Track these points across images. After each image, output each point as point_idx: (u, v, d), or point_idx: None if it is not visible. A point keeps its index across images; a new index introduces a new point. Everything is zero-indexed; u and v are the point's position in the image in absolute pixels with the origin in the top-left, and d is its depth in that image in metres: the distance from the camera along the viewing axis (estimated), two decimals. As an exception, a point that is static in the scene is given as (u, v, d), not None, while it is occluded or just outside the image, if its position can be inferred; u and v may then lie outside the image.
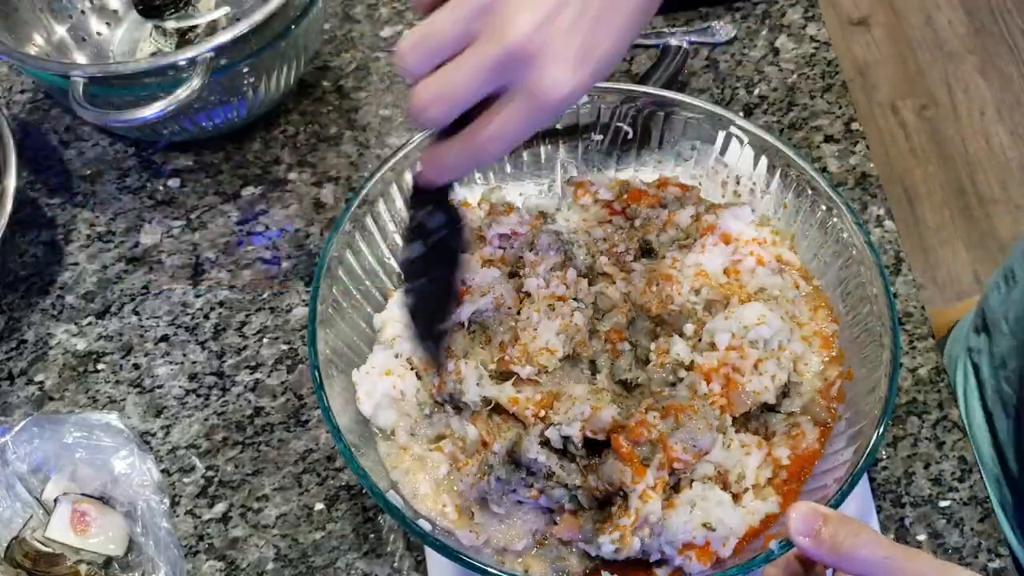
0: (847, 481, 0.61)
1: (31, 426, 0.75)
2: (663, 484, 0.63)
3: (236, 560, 0.76)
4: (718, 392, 0.66)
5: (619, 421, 0.64)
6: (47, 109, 1.00)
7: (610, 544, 0.62)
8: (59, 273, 0.90)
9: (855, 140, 0.93)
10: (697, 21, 1.00)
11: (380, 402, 0.70)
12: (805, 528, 0.49)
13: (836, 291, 0.73)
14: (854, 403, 0.68)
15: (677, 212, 0.76)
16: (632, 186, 0.78)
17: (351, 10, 1.04)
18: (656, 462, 0.63)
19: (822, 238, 0.74)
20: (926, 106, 2.20)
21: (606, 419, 0.64)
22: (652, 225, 0.76)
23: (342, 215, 0.73)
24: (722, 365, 0.67)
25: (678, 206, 0.76)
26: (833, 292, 0.73)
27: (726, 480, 0.65)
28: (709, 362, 0.67)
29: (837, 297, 0.73)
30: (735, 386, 0.66)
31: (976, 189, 2.09)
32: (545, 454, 0.64)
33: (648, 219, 0.76)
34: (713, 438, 0.64)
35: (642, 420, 0.64)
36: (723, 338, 0.68)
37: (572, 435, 0.64)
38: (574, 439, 0.64)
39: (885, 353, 0.66)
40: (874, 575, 0.49)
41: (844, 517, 0.50)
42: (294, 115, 0.98)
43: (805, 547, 0.50)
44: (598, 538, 0.63)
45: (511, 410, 0.66)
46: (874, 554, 0.48)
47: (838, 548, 0.49)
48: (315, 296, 0.69)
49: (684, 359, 0.68)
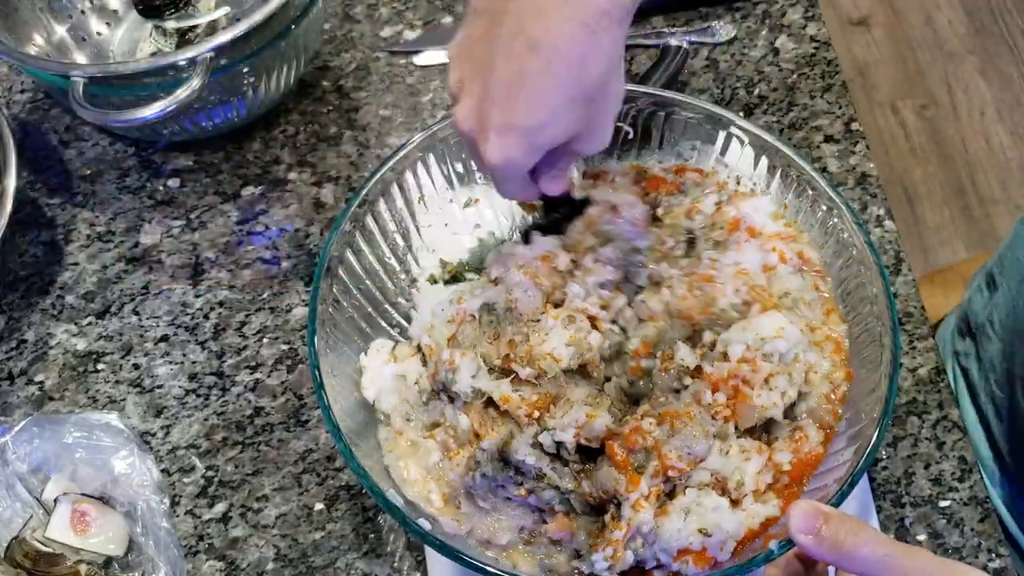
0: (847, 481, 0.61)
1: (31, 426, 0.75)
2: (658, 493, 0.63)
3: (236, 560, 0.76)
4: (723, 403, 0.65)
5: (614, 429, 0.64)
6: (47, 109, 1.00)
7: (603, 561, 0.61)
8: (59, 273, 0.90)
9: (855, 140, 0.93)
10: (697, 21, 1.00)
11: (384, 386, 0.70)
12: (806, 526, 0.49)
13: (836, 291, 0.73)
14: (854, 403, 0.68)
15: (701, 200, 0.74)
16: (650, 173, 0.77)
17: (351, 10, 1.04)
18: (651, 470, 0.62)
19: (822, 238, 0.74)
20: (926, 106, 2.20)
21: (600, 428, 0.63)
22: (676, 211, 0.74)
23: (342, 215, 0.73)
24: (732, 376, 0.65)
25: (699, 192, 0.75)
26: (833, 292, 0.73)
27: (725, 487, 0.64)
28: (719, 372, 0.66)
29: (838, 297, 0.73)
30: (743, 399, 0.65)
31: (976, 189, 2.09)
32: (536, 456, 0.64)
33: (670, 207, 0.75)
34: (709, 445, 0.63)
35: (637, 427, 0.63)
36: (737, 349, 0.66)
37: (565, 441, 0.63)
38: (567, 445, 0.64)
39: (885, 353, 0.66)
40: (875, 573, 0.49)
41: (845, 515, 0.50)
42: (294, 115, 0.98)
43: (806, 545, 0.50)
44: (591, 555, 0.62)
45: (503, 407, 0.66)
46: (875, 552, 0.48)
47: (839, 546, 0.49)
48: (315, 296, 0.69)
49: (689, 364, 0.67)
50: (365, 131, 0.97)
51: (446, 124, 0.76)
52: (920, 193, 2.09)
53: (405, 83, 1.00)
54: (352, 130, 0.97)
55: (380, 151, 0.95)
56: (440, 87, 0.99)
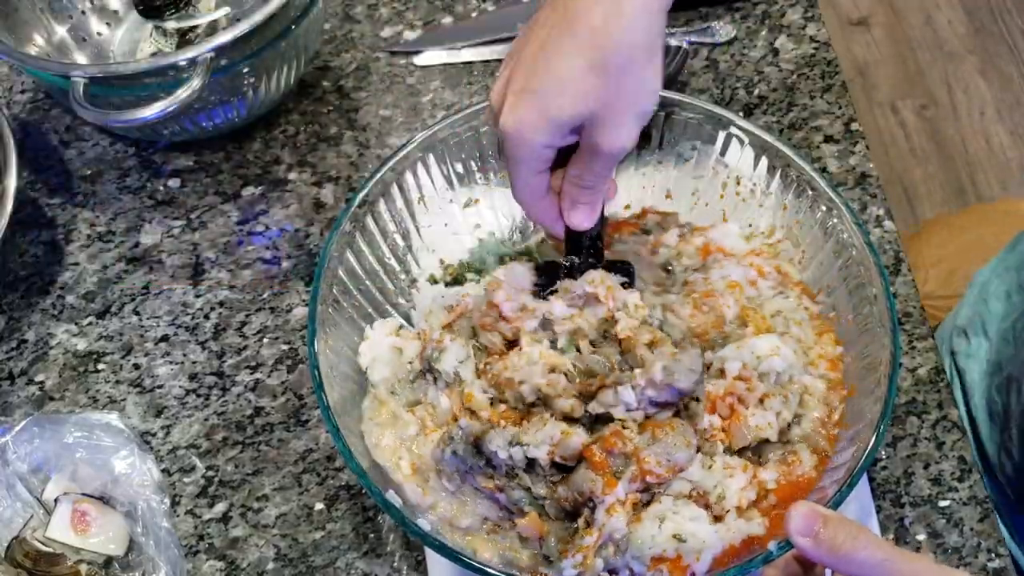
0: (846, 482, 0.61)
1: (31, 426, 0.75)
2: (635, 501, 0.61)
3: (236, 560, 0.76)
4: (719, 427, 0.65)
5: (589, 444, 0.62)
6: (47, 109, 1.00)
7: (572, 569, 0.60)
8: (59, 273, 0.90)
9: (855, 140, 0.94)
10: (697, 21, 1.01)
11: (379, 356, 0.71)
12: (804, 528, 0.49)
13: (837, 292, 0.73)
14: (854, 403, 0.68)
15: (662, 235, 0.76)
16: (614, 218, 0.78)
17: (351, 10, 1.04)
18: (629, 474, 0.61)
19: (822, 238, 0.74)
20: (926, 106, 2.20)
21: (576, 445, 0.61)
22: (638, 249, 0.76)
23: (342, 215, 0.73)
24: (728, 394, 0.65)
25: (660, 231, 0.77)
26: (834, 293, 0.73)
27: (707, 501, 0.64)
28: (715, 390, 0.66)
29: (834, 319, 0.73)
30: (737, 418, 0.65)
31: (976, 189, 2.09)
32: (508, 453, 0.62)
33: (634, 246, 0.76)
34: (690, 455, 0.63)
35: (617, 431, 0.62)
36: (733, 366, 0.66)
37: (539, 457, 0.62)
38: (541, 462, 0.62)
39: (885, 353, 0.66)
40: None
41: (843, 519, 0.50)
42: (294, 115, 0.98)
43: (804, 547, 0.50)
44: (560, 562, 0.60)
45: (466, 405, 0.65)
46: (873, 556, 0.48)
47: (836, 549, 0.49)
48: (315, 296, 0.69)
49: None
50: (365, 131, 0.97)
51: (446, 124, 0.76)
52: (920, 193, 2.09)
53: (405, 83, 1.00)
54: (352, 130, 0.97)
55: (380, 151, 0.95)
56: (440, 87, 0.99)
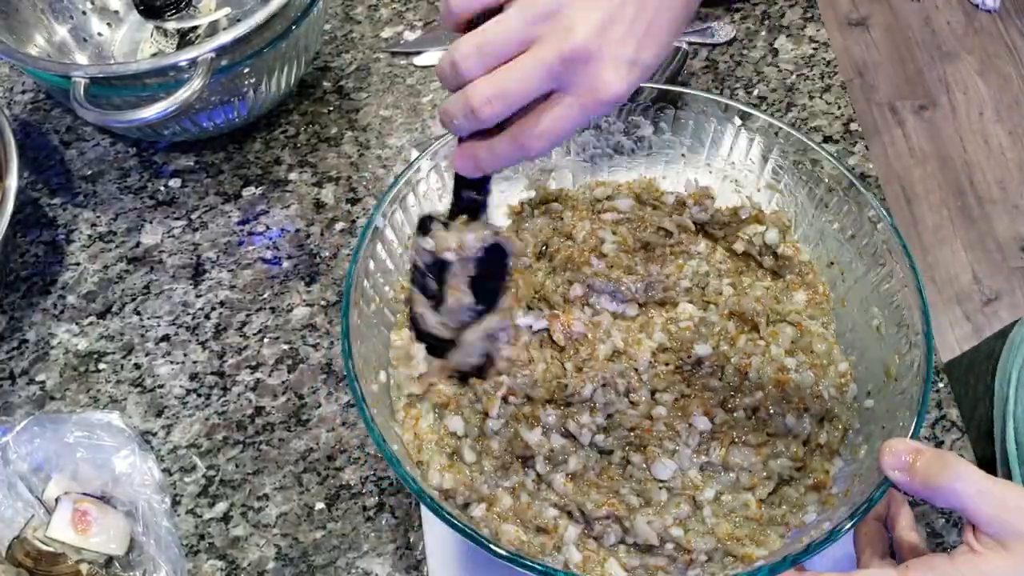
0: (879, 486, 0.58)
1: (32, 426, 0.75)
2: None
3: (237, 559, 0.76)
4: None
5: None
6: (48, 109, 1.00)
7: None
8: (60, 273, 0.90)
9: (854, 140, 0.94)
10: (697, 22, 1.01)
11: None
12: (897, 462, 0.49)
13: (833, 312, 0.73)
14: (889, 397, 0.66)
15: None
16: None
17: (352, 11, 1.04)
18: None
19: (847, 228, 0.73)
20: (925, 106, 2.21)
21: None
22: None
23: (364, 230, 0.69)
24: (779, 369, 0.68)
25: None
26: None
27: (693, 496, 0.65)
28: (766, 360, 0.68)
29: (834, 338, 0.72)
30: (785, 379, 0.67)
31: (975, 189, 2.09)
32: None
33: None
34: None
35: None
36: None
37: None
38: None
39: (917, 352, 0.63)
40: (966, 507, 0.48)
41: (939, 451, 0.49)
42: (295, 115, 0.98)
43: (898, 480, 0.49)
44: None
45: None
46: (967, 489, 0.48)
47: (931, 480, 0.48)
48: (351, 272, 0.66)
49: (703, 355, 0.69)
50: (365, 131, 0.97)
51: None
52: (918, 193, 2.09)
53: (405, 84, 1.00)
54: (353, 130, 0.97)
55: (380, 151, 0.96)
56: (440, 88, 0.99)
